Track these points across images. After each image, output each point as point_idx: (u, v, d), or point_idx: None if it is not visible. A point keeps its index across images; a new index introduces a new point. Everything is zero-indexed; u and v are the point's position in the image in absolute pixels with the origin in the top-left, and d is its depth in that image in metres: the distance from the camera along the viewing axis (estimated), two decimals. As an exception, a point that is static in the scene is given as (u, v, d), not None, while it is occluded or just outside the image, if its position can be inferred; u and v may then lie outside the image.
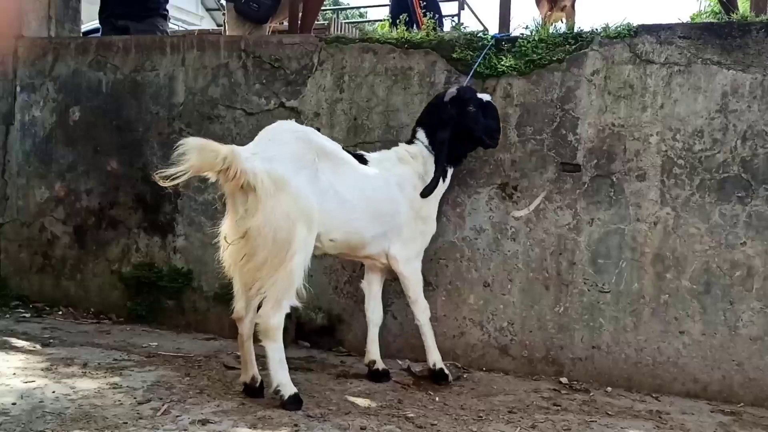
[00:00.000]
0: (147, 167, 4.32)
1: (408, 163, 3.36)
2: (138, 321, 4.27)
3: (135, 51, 4.40)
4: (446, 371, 3.38)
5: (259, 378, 3.02)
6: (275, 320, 2.81)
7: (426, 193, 3.28)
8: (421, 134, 3.41)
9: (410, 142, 3.45)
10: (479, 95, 3.38)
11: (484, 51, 3.64)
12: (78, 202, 4.49)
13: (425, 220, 3.36)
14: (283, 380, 2.85)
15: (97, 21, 5.45)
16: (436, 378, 3.36)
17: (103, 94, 4.46)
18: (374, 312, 3.47)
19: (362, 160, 3.27)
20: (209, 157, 2.68)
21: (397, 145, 3.51)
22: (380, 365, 3.41)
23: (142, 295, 4.30)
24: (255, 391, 3.00)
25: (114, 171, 4.41)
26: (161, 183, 2.67)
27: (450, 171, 3.45)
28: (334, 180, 3.03)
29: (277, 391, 2.83)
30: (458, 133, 3.32)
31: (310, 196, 2.87)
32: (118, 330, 4.10)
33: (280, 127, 3.08)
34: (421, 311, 3.39)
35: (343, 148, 3.24)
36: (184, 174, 2.64)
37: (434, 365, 3.38)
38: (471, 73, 3.61)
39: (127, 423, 2.57)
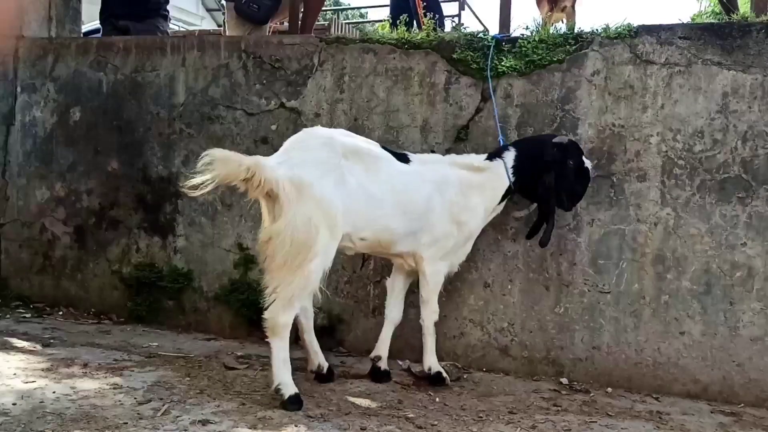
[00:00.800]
0: (147, 167, 4.33)
1: (462, 169, 3.33)
2: (138, 321, 4.27)
3: (135, 51, 4.40)
4: (444, 374, 3.37)
5: (326, 364, 3.28)
6: (284, 318, 2.87)
7: (544, 241, 3.29)
8: (509, 156, 3.35)
9: (491, 157, 3.38)
10: (584, 158, 3.35)
11: (490, 54, 3.63)
12: (78, 202, 4.50)
13: (461, 225, 3.29)
14: (284, 380, 2.87)
15: (98, 21, 5.46)
16: (433, 381, 3.34)
17: (103, 94, 4.46)
18: (393, 310, 3.44)
19: (404, 158, 3.29)
20: (233, 168, 2.80)
21: (396, 143, 3.51)
22: (384, 364, 3.41)
23: (142, 296, 4.30)
24: (324, 376, 3.27)
25: (114, 171, 4.41)
26: (190, 193, 2.80)
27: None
28: (364, 179, 3.07)
29: (277, 390, 2.86)
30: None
31: (335, 200, 2.94)
32: (118, 330, 4.10)
33: (305, 134, 3.15)
34: (429, 314, 3.37)
35: (385, 147, 3.30)
36: (210, 183, 2.77)
37: (429, 369, 3.37)
38: (489, 77, 3.61)
39: (127, 423, 2.57)
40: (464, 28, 4.47)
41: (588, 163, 3.36)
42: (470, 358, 3.69)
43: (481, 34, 3.83)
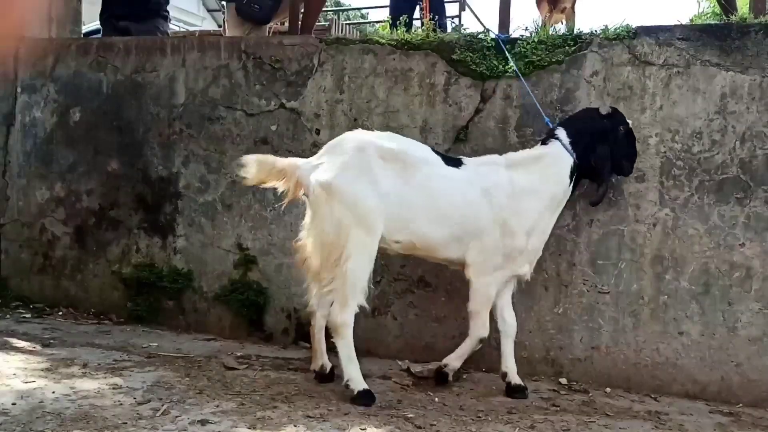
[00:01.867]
0: (147, 168, 4.33)
1: (517, 169, 3.24)
2: (138, 321, 4.27)
3: (135, 52, 4.41)
4: (450, 376, 3.37)
5: (329, 365, 3.29)
6: (341, 318, 2.99)
7: (596, 201, 3.33)
8: (562, 133, 3.29)
9: (544, 141, 3.34)
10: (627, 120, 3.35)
11: (506, 52, 3.64)
12: (78, 202, 4.50)
13: (513, 234, 3.16)
14: (353, 375, 3.01)
15: (98, 22, 5.46)
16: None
17: (103, 94, 4.47)
18: (506, 323, 3.33)
19: (456, 163, 3.23)
20: (266, 169, 3.10)
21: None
22: (513, 379, 3.28)
23: (142, 296, 4.31)
24: (325, 377, 3.29)
25: (114, 172, 4.42)
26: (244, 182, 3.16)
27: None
28: (399, 183, 3.08)
29: (347, 386, 2.99)
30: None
31: (368, 200, 3.00)
32: (118, 330, 4.11)
33: (341, 137, 3.21)
34: (477, 327, 3.24)
35: (436, 151, 3.28)
36: (249, 182, 3.15)
37: (443, 365, 3.36)
38: (518, 74, 3.59)
39: (126, 423, 2.57)
40: (464, 29, 4.46)
41: (629, 124, 3.34)
42: (469, 358, 3.69)
43: (481, 35, 3.84)
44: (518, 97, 3.65)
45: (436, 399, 3.14)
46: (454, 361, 3.36)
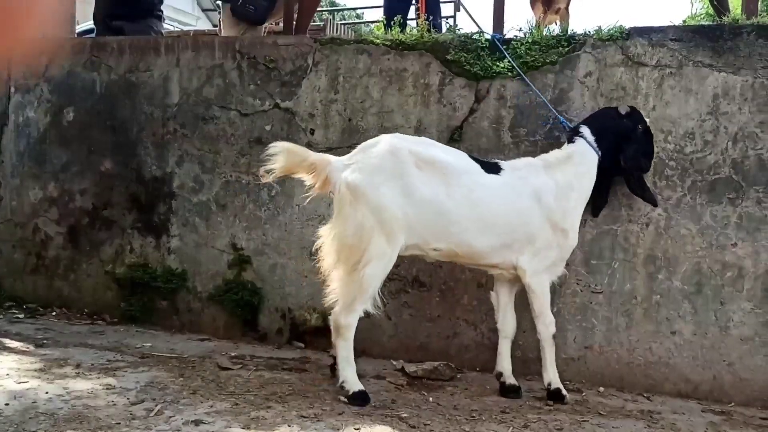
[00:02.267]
0: (141, 168, 4.33)
1: (555, 169, 3.24)
2: (132, 322, 4.26)
3: (129, 52, 4.40)
4: (563, 392, 3.21)
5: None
6: (346, 320, 3.01)
7: (653, 200, 3.35)
8: (586, 131, 3.30)
9: (570, 140, 3.34)
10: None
11: (505, 51, 3.66)
12: (72, 202, 4.49)
13: (565, 233, 3.19)
14: (348, 377, 3.01)
15: (92, 21, 5.45)
16: (552, 398, 3.20)
17: (97, 94, 4.46)
18: (506, 324, 3.35)
19: (494, 169, 3.20)
20: (296, 160, 3.02)
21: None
22: (508, 379, 3.31)
23: (135, 296, 4.30)
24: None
25: (108, 171, 4.41)
26: (263, 179, 3.09)
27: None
28: (438, 191, 3.02)
29: (342, 387, 3.00)
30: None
31: (393, 208, 2.95)
32: (111, 331, 4.10)
33: (378, 140, 3.14)
34: (546, 326, 3.22)
35: (473, 157, 3.25)
36: (276, 173, 3.03)
37: (549, 385, 3.23)
38: (523, 75, 3.60)
39: (120, 423, 2.57)
40: (459, 30, 4.47)
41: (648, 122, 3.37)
42: (463, 358, 3.71)
43: (475, 35, 3.85)
44: (512, 97, 3.66)
45: (430, 399, 3.15)
46: (552, 375, 3.24)
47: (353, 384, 3.00)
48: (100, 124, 4.44)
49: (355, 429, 2.66)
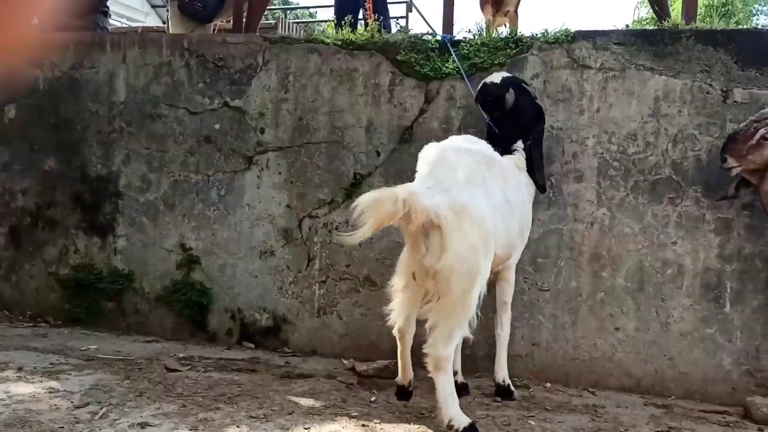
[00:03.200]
0: (86, 166, 4.23)
1: (522, 170, 3.27)
2: (76, 324, 4.16)
3: (74, 48, 4.30)
4: (512, 388, 3.25)
5: (411, 378, 3.07)
6: (446, 352, 2.65)
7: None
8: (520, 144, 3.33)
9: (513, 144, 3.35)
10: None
11: (453, 52, 3.68)
12: (13, 201, 4.36)
13: (529, 230, 3.32)
14: (454, 414, 2.65)
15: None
16: (501, 394, 3.22)
17: (40, 91, 4.34)
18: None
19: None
20: (388, 209, 2.52)
21: (341, 143, 3.51)
22: (458, 378, 3.24)
23: (80, 297, 4.20)
24: (407, 394, 3.07)
25: (51, 170, 4.30)
26: (348, 243, 2.61)
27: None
28: (502, 192, 2.93)
29: (450, 426, 2.64)
30: None
31: (489, 217, 2.73)
32: (55, 333, 3.99)
33: (442, 149, 2.89)
34: (508, 318, 3.26)
35: None
36: (369, 231, 2.54)
37: (503, 381, 3.25)
38: (463, 75, 3.62)
39: (63, 428, 2.51)
40: (409, 30, 4.50)
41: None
42: (415, 357, 3.72)
43: (426, 36, 3.88)
44: (462, 98, 3.70)
45: (381, 398, 3.16)
46: (505, 371, 3.27)
47: (462, 420, 2.65)
48: (43, 122, 4.32)
49: (305, 428, 2.66)
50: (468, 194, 2.68)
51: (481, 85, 3.39)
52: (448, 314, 2.64)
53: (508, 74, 3.42)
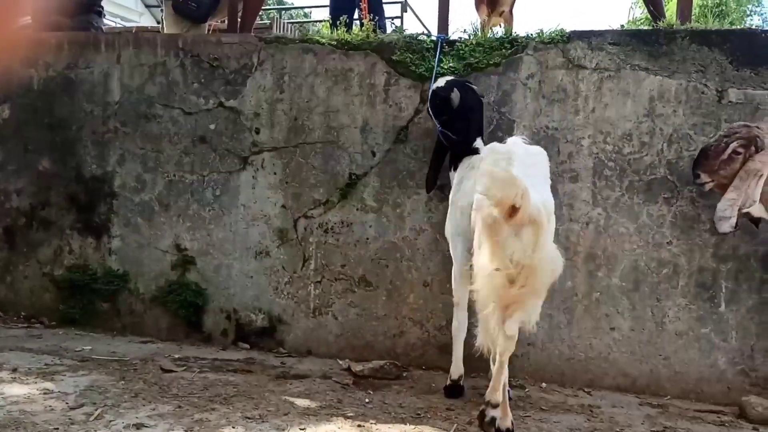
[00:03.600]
0: (81, 167, 4.22)
1: None
2: (71, 324, 4.15)
3: (68, 48, 4.28)
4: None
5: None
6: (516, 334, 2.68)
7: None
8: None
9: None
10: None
11: (438, 54, 3.68)
12: (8, 202, 4.34)
13: None
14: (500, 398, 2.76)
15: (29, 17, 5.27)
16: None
17: (34, 91, 4.32)
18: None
19: None
20: (510, 194, 2.38)
21: (337, 143, 3.50)
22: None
23: (75, 298, 4.18)
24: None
25: (46, 170, 4.28)
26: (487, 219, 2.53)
27: None
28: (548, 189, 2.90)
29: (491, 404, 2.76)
30: None
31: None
32: (50, 334, 3.98)
33: (523, 147, 2.89)
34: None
35: None
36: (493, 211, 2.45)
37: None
38: (433, 77, 3.61)
39: (58, 429, 2.50)
40: (404, 30, 4.50)
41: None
42: (410, 357, 3.73)
43: (420, 36, 3.89)
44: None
45: (377, 398, 3.16)
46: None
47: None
48: (37, 122, 4.31)
49: (301, 429, 2.66)
50: (549, 194, 2.79)
51: (430, 92, 3.45)
52: (528, 309, 2.65)
53: (452, 77, 3.46)
